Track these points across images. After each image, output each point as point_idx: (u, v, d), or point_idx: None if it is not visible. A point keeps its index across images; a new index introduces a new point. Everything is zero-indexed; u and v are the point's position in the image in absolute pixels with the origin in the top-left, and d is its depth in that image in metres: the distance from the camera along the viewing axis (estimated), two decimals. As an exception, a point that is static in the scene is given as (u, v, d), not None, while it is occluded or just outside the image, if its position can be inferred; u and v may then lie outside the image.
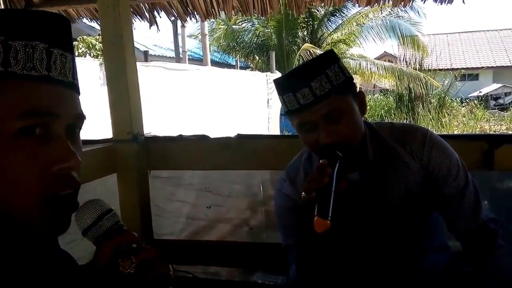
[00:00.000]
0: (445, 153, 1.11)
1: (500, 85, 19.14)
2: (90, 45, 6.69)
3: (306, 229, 0.93)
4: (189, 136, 1.87)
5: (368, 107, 14.63)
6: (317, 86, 0.99)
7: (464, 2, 2.11)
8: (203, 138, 1.85)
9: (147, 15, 2.40)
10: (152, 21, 2.44)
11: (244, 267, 2.09)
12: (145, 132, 1.87)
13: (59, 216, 0.57)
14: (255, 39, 14.93)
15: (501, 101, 17.96)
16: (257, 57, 14.92)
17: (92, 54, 6.67)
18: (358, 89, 1.09)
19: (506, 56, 23.31)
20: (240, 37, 14.96)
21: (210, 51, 14.58)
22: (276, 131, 9.80)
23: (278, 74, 9.42)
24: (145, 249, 0.57)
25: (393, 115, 13.12)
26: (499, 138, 1.62)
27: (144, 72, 5.87)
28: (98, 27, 3.18)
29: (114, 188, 1.83)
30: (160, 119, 5.51)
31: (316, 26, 14.89)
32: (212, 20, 14.22)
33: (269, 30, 14.54)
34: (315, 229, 0.87)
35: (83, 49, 6.70)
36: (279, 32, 13.73)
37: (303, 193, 0.94)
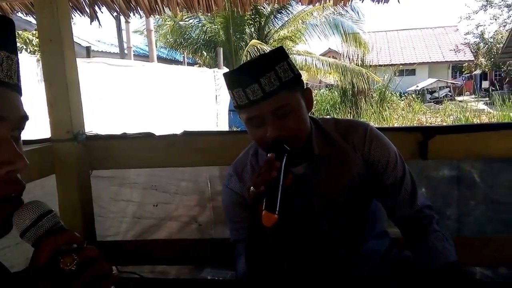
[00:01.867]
0: (384, 146, 1.16)
1: (435, 79, 20.44)
2: (27, 41, 6.35)
3: (255, 223, 0.94)
4: (134, 134, 1.83)
5: (315, 102, 14.93)
6: (266, 82, 1.00)
7: (399, 1, 2.22)
8: (148, 135, 1.81)
9: (88, 10, 2.30)
10: (93, 16, 2.33)
11: (194, 264, 2.08)
12: (86, 131, 1.81)
13: (4, 220, 0.56)
14: (203, 35, 14.79)
15: (436, 94, 19.20)
16: (205, 53, 14.79)
17: (29, 50, 6.34)
18: (305, 86, 1.12)
19: (440, 53, 24.88)
20: (188, 33, 14.76)
21: (157, 47, 14.23)
22: (225, 127, 9.78)
23: (225, 70, 9.38)
24: (87, 248, 0.56)
25: (338, 109, 13.54)
26: (432, 129, 1.72)
27: (86, 69, 5.62)
28: (35, 21, 3.00)
29: (52, 189, 1.76)
30: (104, 117, 5.32)
31: (263, 23, 15.00)
32: (158, 16, 13.86)
33: (216, 26, 14.46)
34: (263, 223, 0.88)
35: (19, 44, 6.35)
36: (227, 29, 13.69)
37: (251, 187, 0.95)
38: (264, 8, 14.21)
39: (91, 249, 0.56)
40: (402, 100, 14.68)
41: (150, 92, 7.19)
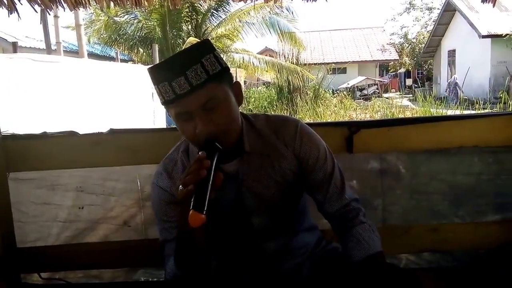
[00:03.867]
0: (314, 142, 1.19)
1: (364, 77, 21.56)
2: None
3: (183, 222, 0.92)
4: (55, 133, 1.72)
5: (253, 99, 15.17)
6: (193, 75, 0.96)
7: (327, 0, 2.29)
8: (71, 134, 1.72)
9: (5, 1, 2.12)
10: (12, 8, 2.16)
11: (128, 266, 2.01)
12: (2, 130, 1.67)
13: None
14: (139, 31, 14.31)
15: (365, 91, 20.25)
16: (141, 50, 14.33)
17: None
18: (235, 80, 1.10)
19: (368, 52, 26.29)
20: (123, 29, 14.19)
21: (90, 43, 13.52)
22: (162, 125, 9.56)
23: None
24: None
25: (275, 106, 13.75)
26: (357, 124, 1.80)
27: (8, 65, 5.21)
28: None
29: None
30: (29, 116, 4.97)
31: (200, 21, 14.83)
32: (91, 11, 13.23)
33: (152, 23, 14.04)
34: (190, 223, 0.86)
35: None
36: (163, 25, 13.37)
37: (180, 186, 0.92)
38: (201, 5, 14.07)
39: None
40: (335, 97, 15.24)
41: (80, 89, 6.83)
